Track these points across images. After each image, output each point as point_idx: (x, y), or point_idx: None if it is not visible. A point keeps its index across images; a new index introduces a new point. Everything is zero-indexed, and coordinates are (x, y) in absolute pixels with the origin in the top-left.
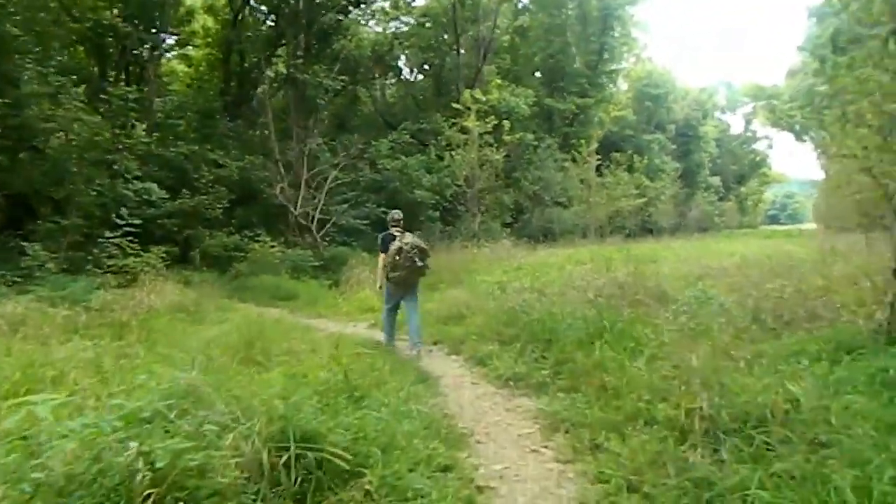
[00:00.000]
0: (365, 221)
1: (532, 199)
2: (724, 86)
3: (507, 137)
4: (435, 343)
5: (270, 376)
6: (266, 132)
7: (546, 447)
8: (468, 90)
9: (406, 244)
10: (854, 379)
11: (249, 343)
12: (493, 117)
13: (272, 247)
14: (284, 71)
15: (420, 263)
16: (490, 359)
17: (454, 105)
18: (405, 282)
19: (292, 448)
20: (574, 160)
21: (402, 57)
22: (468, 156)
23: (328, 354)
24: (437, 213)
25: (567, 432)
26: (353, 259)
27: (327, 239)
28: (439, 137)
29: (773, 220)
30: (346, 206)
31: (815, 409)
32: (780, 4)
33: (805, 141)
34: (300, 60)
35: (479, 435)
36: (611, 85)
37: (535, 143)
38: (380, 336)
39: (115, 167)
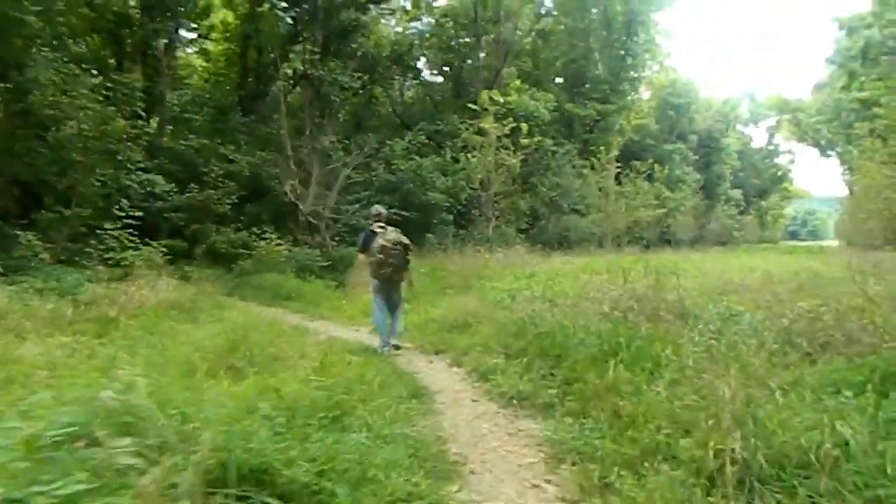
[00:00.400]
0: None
1: (548, 205)
2: (748, 97)
3: (524, 141)
4: (437, 353)
5: (238, 389)
6: (279, 128)
7: (549, 481)
8: (486, 90)
9: (389, 241)
10: None
11: (233, 347)
12: (510, 120)
13: (279, 244)
14: (301, 67)
15: (403, 261)
16: (494, 373)
17: (471, 106)
18: (390, 279)
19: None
20: (593, 167)
21: (422, 58)
22: (484, 159)
23: (315, 363)
24: (451, 217)
25: (574, 465)
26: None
27: (336, 239)
28: (455, 139)
29: (794, 236)
30: (357, 205)
31: (867, 453)
32: (807, 16)
33: (829, 156)
34: (317, 57)
35: (473, 463)
36: (633, 92)
37: (554, 148)
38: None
39: (119, 158)
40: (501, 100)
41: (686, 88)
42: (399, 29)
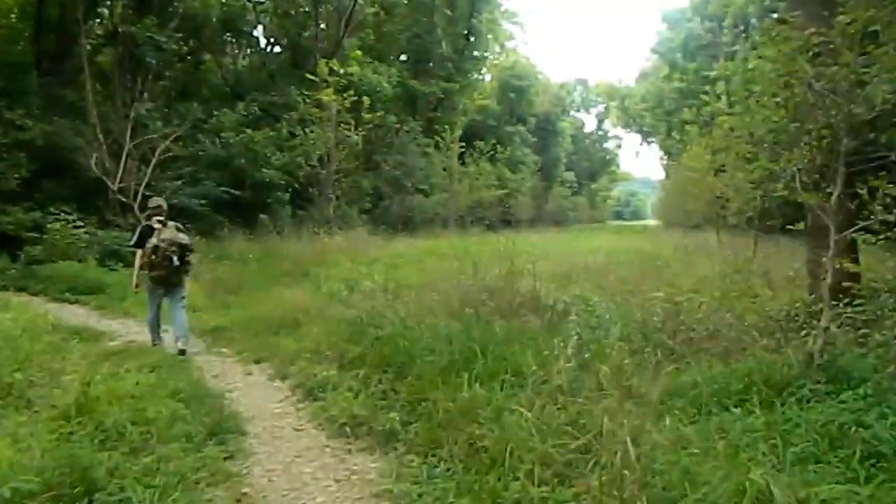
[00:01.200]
0: (203, 201)
1: (392, 184)
2: (580, 84)
3: (367, 116)
4: (258, 361)
5: None
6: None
7: None
8: (324, 60)
9: (163, 241)
10: (806, 436)
11: None
12: (352, 93)
13: (78, 226)
14: (112, 24)
15: (178, 263)
16: (325, 389)
17: (310, 76)
18: (166, 281)
19: None
20: (438, 146)
21: (260, 26)
22: (324, 134)
23: (77, 393)
24: (288, 196)
25: None
26: None
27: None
28: (293, 112)
29: (618, 215)
30: (179, 182)
31: None
32: (637, 7)
33: (651, 142)
34: (130, 12)
35: None
36: (476, 73)
37: (398, 125)
38: (194, 347)
39: None
40: (342, 71)
41: (526, 71)
42: None
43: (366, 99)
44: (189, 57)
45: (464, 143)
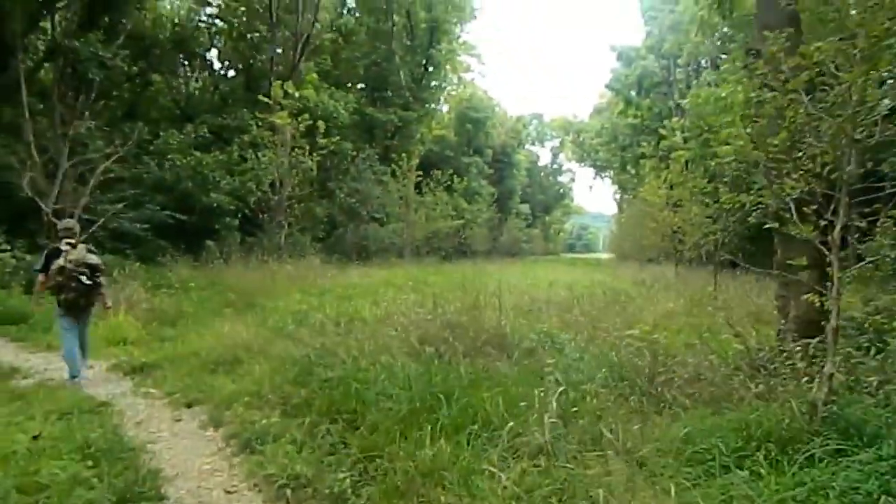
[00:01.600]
0: (146, 226)
1: (347, 212)
2: (535, 118)
3: (322, 141)
4: (190, 405)
5: None
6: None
7: None
8: (279, 81)
9: (71, 261)
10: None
11: None
12: (306, 116)
13: (4, 250)
14: (54, 38)
15: (89, 283)
16: (264, 440)
17: (263, 98)
18: (75, 305)
19: None
20: (395, 174)
21: (214, 49)
22: (277, 158)
23: None
24: (237, 222)
25: None
26: (120, 271)
27: (92, 244)
28: (245, 136)
29: (571, 248)
30: (121, 205)
31: None
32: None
33: (605, 177)
34: (74, 27)
35: None
36: (434, 102)
37: (354, 152)
38: (119, 387)
39: None
40: (297, 94)
41: (483, 104)
42: (183, 11)
43: (321, 123)
44: (138, 78)
45: (420, 173)
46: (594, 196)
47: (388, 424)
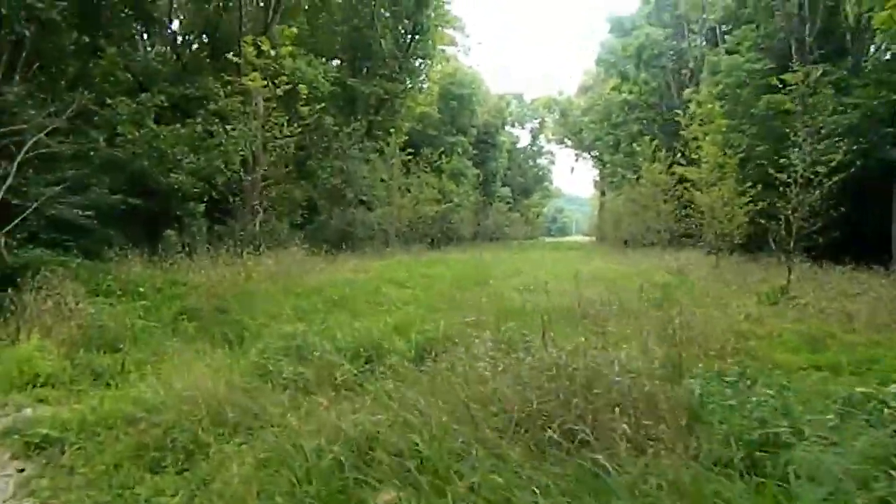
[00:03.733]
0: (89, 213)
1: (330, 195)
2: (516, 98)
3: (303, 109)
4: None
5: None
6: None
7: None
8: (250, 37)
9: None
10: None
11: None
12: (283, 80)
13: None
14: None
15: None
16: None
17: (232, 58)
18: None
19: None
20: (382, 152)
21: (176, 21)
22: (249, 132)
23: None
24: (203, 207)
25: None
26: (53, 269)
27: (19, 236)
28: (210, 106)
29: (547, 232)
30: (59, 188)
31: None
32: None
33: (586, 158)
34: None
35: None
36: (420, 75)
37: (336, 128)
38: None
39: None
40: (273, 52)
41: (469, 80)
42: None
43: (302, 87)
44: (85, 40)
45: (408, 152)
46: (570, 179)
47: None
